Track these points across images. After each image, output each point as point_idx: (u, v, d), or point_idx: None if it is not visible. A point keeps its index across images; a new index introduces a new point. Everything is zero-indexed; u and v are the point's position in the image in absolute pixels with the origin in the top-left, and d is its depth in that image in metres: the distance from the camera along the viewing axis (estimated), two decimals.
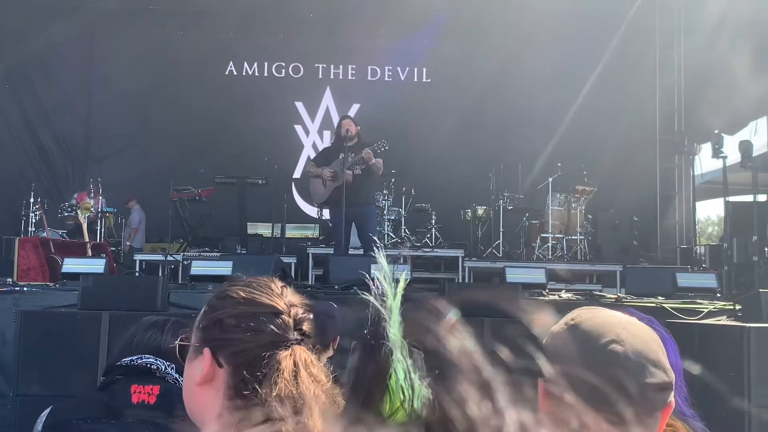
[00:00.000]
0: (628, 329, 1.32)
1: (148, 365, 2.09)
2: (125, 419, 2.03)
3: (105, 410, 2.06)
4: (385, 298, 1.18)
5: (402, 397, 1.17)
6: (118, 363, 2.14)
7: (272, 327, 1.40)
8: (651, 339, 1.34)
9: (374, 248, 7.59)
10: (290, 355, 1.36)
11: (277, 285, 1.50)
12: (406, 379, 1.18)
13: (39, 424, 2.09)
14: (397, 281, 1.21)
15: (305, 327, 1.44)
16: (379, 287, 1.20)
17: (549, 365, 1.27)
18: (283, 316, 1.42)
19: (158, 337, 2.14)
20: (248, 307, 1.43)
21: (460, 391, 1.13)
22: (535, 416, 0.82)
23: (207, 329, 1.44)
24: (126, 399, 2.05)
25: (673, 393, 1.31)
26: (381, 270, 1.20)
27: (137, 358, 2.11)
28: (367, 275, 1.25)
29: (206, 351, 1.42)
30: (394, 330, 1.20)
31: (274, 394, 1.31)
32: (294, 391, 1.32)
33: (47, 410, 2.12)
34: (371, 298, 1.19)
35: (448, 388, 1.15)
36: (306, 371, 1.36)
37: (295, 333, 1.41)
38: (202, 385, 1.42)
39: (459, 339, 1.17)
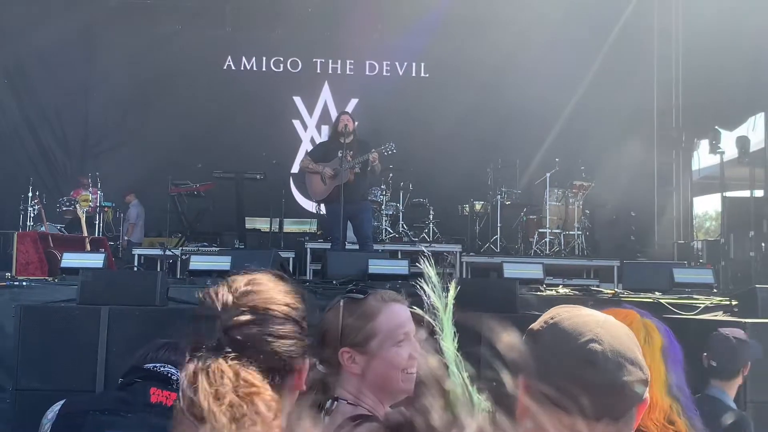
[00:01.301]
0: (606, 328, 1.34)
1: (169, 375, 2.11)
2: (143, 414, 2.05)
3: (122, 404, 2.09)
4: (436, 311, 1.18)
5: (461, 410, 1.18)
6: (139, 366, 2.15)
7: (196, 331, 1.36)
8: (628, 337, 1.36)
9: (369, 245, 7.57)
10: (197, 363, 1.29)
11: (239, 284, 1.43)
12: (464, 393, 1.19)
13: (50, 413, 2.10)
14: (447, 291, 1.21)
15: (240, 336, 1.35)
16: (428, 300, 1.20)
17: (513, 377, 1.28)
18: (215, 321, 1.36)
19: (172, 355, 2.16)
20: (198, 308, 1.43)
21: (424, 402, 1.16)
22: (494, 426, 0.85)
23: None
24: (145, 397, 2.08)
25: (648, 389, 1.33)
26: (429, 282, 1.19)
27: (160, 366, 2.13)
28: (418, 286, 1.25)
29: None
30: (447, 344, 1.20)
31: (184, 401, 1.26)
32: (192, 400, 1.24)
33: (61, 401, 2.14)
34: (423, 313, 1.19)
35: (413, 398, 1.17)
36: (207, 384, 1.25)
37: (219, 340, 1.34)
38: None
39: (424, 355, 1.18)
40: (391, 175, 10.87)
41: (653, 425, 1.97)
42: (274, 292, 1.44)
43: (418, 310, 1.28)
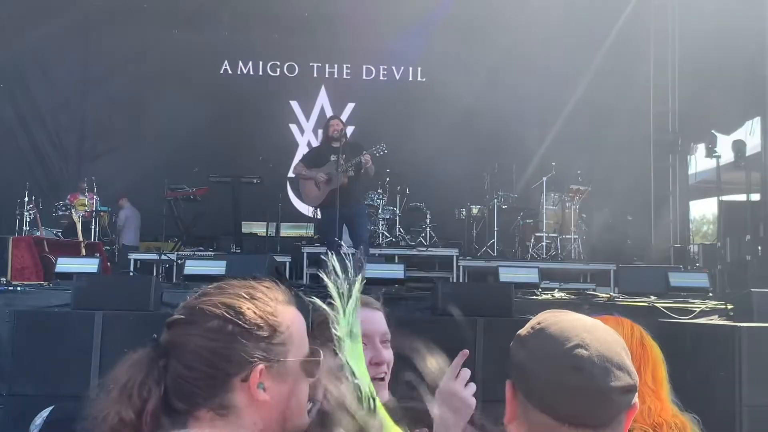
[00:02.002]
0: (592, 333, 1.33)
1: None
2: None
3: None
4: (335, 309, 1.16)
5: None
6: None
7: None
8: (615, 342, 1.35)
9: (365, 249, 7.55)
10: None
11: (208, 287, 1.47)
12: (353, 381, 1.18)
13: (38, 419, 2.09)
14: (350, 286, 1.19)
15: (169, 334, 1.41)
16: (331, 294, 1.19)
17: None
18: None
19: None
20: None
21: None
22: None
23: None
24: None
25: (637, 394, 1.33)
26: (331, 276, 1.17)
27: None
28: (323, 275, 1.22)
29: None
30: (341, 333, 1.19)
31: None
32: None
33: (49, 408, 2.12)
34: (331, 313, 1.17)
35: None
36: None
37: (156, 339, 1.42)
38: None
39: (339, 390, 1.17)
40: (387, 179, 10.86)
41: (666, 423, 1.99)
42: (227, 296, 1.42)
43: (318, 302, 1.29)
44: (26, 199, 10.33)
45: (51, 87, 12.53)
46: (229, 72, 13.23)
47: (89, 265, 6.68)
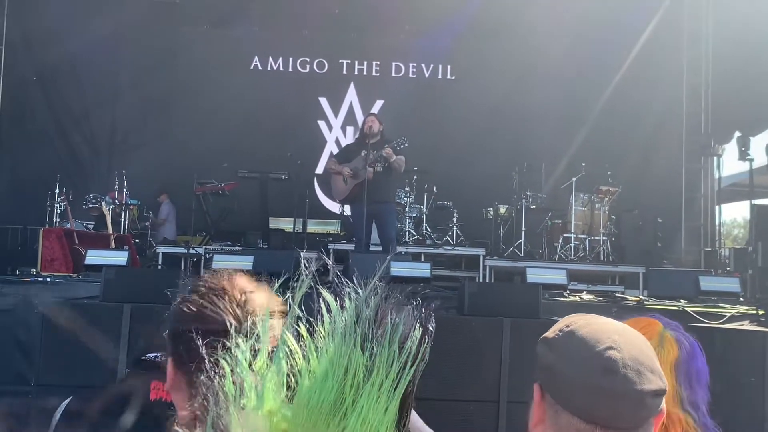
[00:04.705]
0: (623, 336, 1.32)
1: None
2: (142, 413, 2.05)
3: (123, 404, 2.08)
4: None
5: None
6: (143, 357, 2.15)
7: None
8: (645, 345, 1.33)
9: (392, 247, 7.56)
10: None
11: None
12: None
13: (58, 413, 2.10)
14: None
15: None
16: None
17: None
18: None
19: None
20: None
21: None
22: None
23: None
24: (145, 394, 2.07)
25: (664, 399, 1.31)
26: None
27: (161, 355, 2.12)
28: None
29: None
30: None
31: None
32: None
33: (68, 399, 2.14)
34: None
35: None
36: None
37: None
38: None
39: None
40: (415, 177, 10.85)
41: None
42: None
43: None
44: (57, 191, 10.45)
45: (83, 82, 12.65)
46: (259, 68, 13.28)
47: (118, 257, 6.74)
